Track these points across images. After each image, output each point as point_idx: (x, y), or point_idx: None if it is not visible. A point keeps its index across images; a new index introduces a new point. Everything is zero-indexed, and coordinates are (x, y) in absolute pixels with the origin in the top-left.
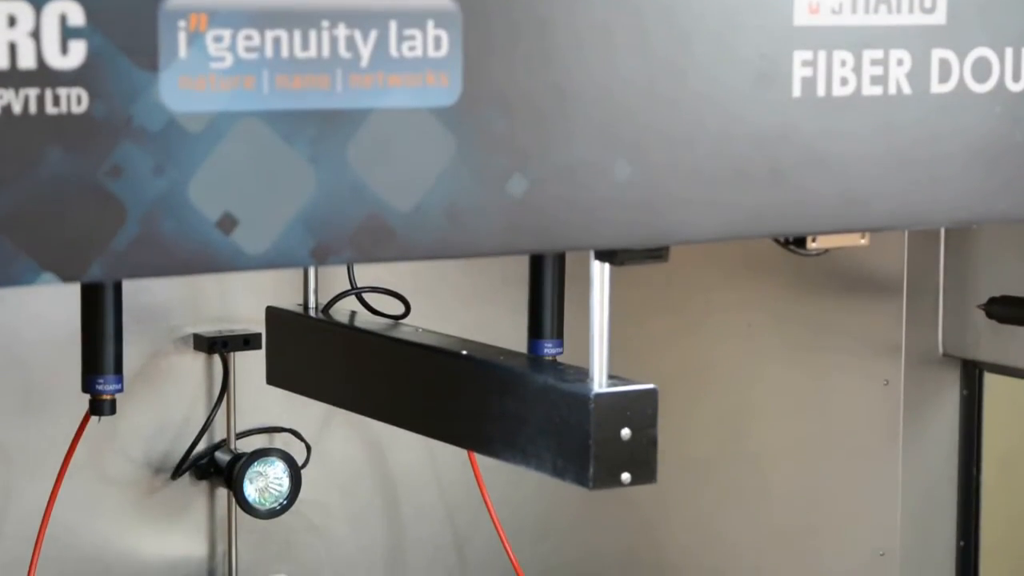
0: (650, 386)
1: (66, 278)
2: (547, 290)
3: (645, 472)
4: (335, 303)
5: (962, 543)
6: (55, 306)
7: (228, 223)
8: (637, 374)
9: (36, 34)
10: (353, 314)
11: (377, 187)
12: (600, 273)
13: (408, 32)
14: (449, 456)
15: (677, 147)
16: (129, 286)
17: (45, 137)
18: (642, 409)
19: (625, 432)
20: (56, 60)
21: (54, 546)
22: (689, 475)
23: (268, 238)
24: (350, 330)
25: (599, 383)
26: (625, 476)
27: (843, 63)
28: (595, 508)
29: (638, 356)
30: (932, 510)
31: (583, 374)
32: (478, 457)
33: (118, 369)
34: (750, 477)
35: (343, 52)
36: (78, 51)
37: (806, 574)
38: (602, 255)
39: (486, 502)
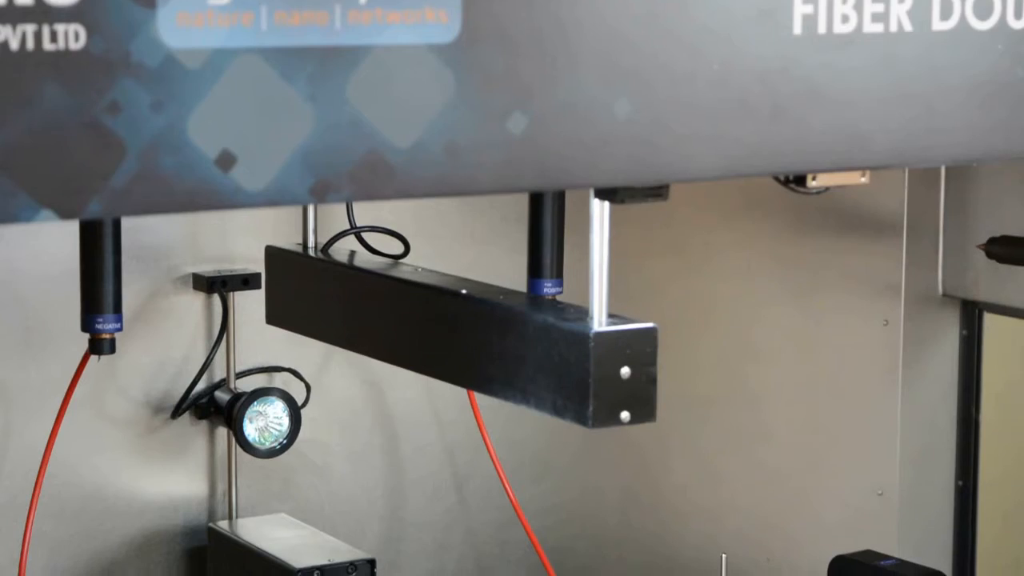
0: (650, 325)
1: (65, 215)
2: (547, 229)
3: (644, 411)
4: (334, 242)
5: (961, 482)
6: (55, 245)
7: (227, 160)
8: (637, 314)
9: None
10: (352, 253)
11: (376, 124)
12: (600, 211)
13: None
14: (448, 395)
15: (678, 83)
16: (128, 225)
17: (43, 74)
18: (642, 348)
19: (625, 371)
20: None
21: (54, 484)
22: (688, 415)
23: (267, 175)
24: (349, 269)
25: (599, 322)
26: (624, 415)
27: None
28: (594, 447)
29: (638, 296)
30: (931, 450)
31: (583, 313)
32: (477, 396)
33: (117, 308)
34: (749, 417)
35: None
36: None
37: (805, 514)
38: (602, 193)
39: (485, 441)
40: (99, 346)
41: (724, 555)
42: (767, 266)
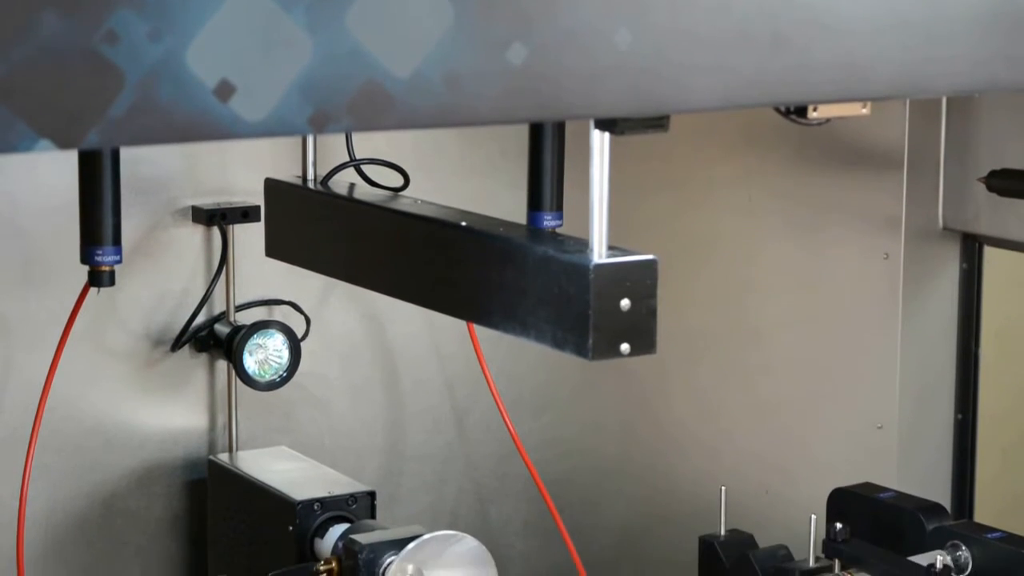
0: (650, 257)
1: (63, 145)
2: (547, 161)
3: (644, 343)
4: (334, 175)
5: (960, 416)
6: (54, 177)
7: (225, 90)
8: (637, 247)
9: None
10: (352, 186)
11: (375, 54)
12: (600, 143)
13: None
14: (448, 328)
15: (678, 12)
16: (127, 158)
17: (40, 3)
18: (642, 280)
19: (625, 303)
20: None
21: (54, 417)
22: (688, 348)
23: (266, 105)
24: (349, 202)
25: (599, 254)
26: (624, 347)
27: None
28: (594, 381)
29: (638, 230)
30: (930, 383)
31: (583, 245)
32: (477, 329)
33: (116, 240)
34: (749, 351)
35: None
36: None
37: (804, 447)
38: (602, 124)
39: (485, 374)
40: (98, 278)
41: (723, 488)
42: (767, 200)
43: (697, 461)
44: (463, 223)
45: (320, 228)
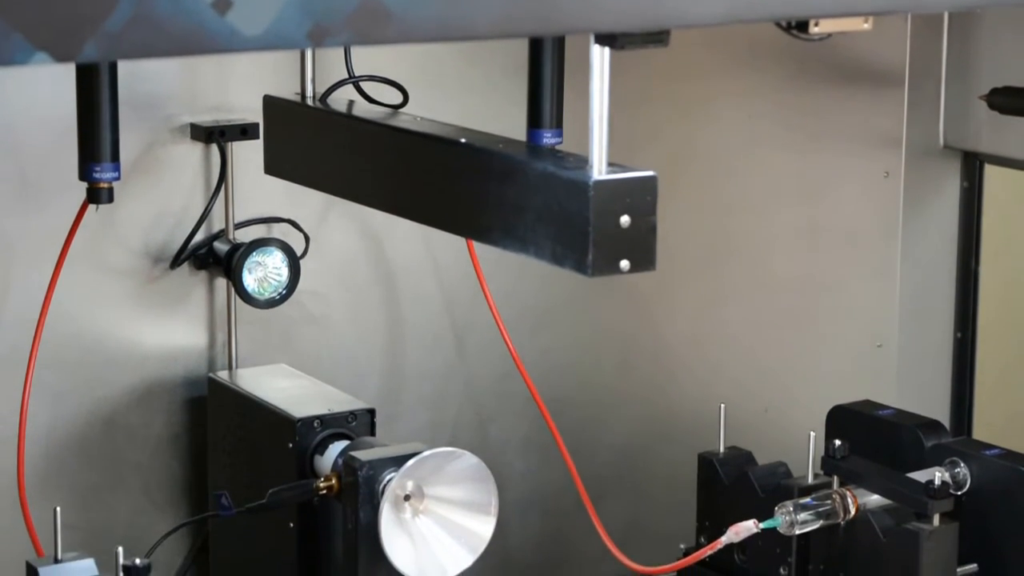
0: (650, 173)
1: (60, 58)
2: (546, 78)
3: (644, 259)
4: (333, 91)
5: (959, 335)
6: (52, 95)
7: (223, 3)
8: (637, 164)
9: None
10: (351, 103)
11: None
12: (600, 58)
13: None
14: (448, 247)
15: None
16: (125, 76)
17: None
18: (642, 196)
19: (624, 219)
20: None
21: (53, 335)
22: (688, 266)
23: (264, 19)
24: (348, 119)
25: (598, 170)
26: (624, 263)
27: None
28: (593, 298)
29: (638, 146)
30: (930, 302)
31: (582, 161)
32: (477, 247)
33: (115, 157)
34: (749, 268)
35: None
36: None
37: (804, 365)
38: (602, 39)
39: (485, 293)
40: (97, 195)
41: (722, 405)
42: (768, 117)
43: (697, 379)
44: (462, 140)
45: (319, 145)
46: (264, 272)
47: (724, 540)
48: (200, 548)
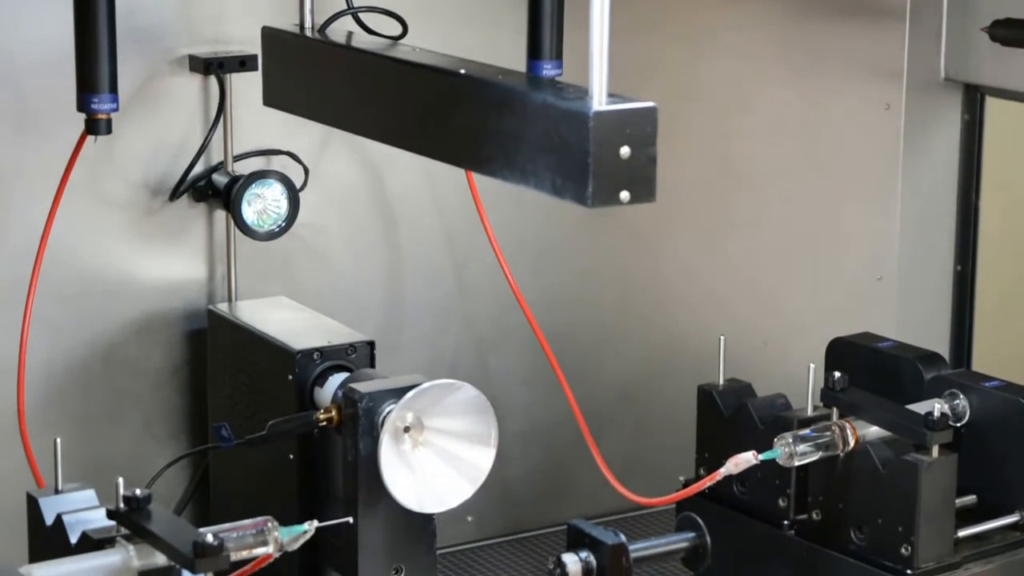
0: (650, 104)
1: None
2: (546, 8)
3: (644, 190)
4: (331, 23)
5: (959, 268)
6: (50, 26)
7: None
8: (637, 95)
9: None
10: (350, 34)
11: None
12: None
13: None
14: (447, 180)
15: None
16: (123, 8)
17: None
18: (642, 127)
19: (624, 150)
20: None
21: (53, 268)
22: (688, 198)
23: None
24: (347, 50)
25: (599, 101)
26: (624, 194)
27: None
28: (593, 231)
29: (638, 77)
30: (930, 235)
31: (582, 92)
32: (477, 181)
33: (113, 88)
34: (749, 200)
35: None
36: None
37: (804, 298)
38: None
39: (485, 225)
40: (95, 126)
41: (722, 337)
42: (769, 48)
43: (697, 312)
44: (462, 71)
45: (318, 77)
46: (263, 204)
47: (723, 472)
48: (200, 479)
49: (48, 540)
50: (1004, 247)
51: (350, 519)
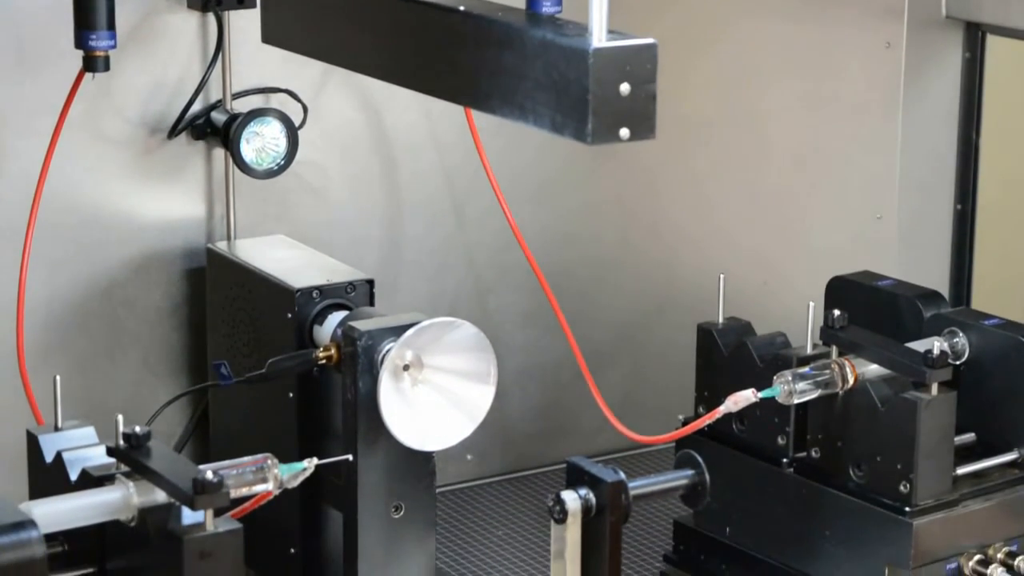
0: (650, 40)
1: None
2: None
3: (644, 127)
4: None
5: (959, 206)
6: None
7: None
8: (637, 32)
9: None
10: None
11: None
12: None
13: None
14: (447, 118)
15: None
16: None
17: None
18: (641, 64)
19: (624, 87)
20: None
21: (51, 205)
22: (688, 135)
23: None
24: None
25: (598, 38)
26: (624, 131)
27: None
28: (593, 169)
29: (638, 15)
30: (931, 174)
31: (582, 29)
32: (476, 119)
33: (111, 25)
34: (749, 139)
35: None
36: None
37: (803, 237)
38: None
39: (484, 164)
40: (93, 63)
41: (722, 275)
42: None
43: (696, 251)
44: (461, 7)
45: (317, 13)
46: (262, 142)
47: (723, 410)
48: (200, 418)
49: (48, 477)
50: (1004, 186)
51: (349, 456)
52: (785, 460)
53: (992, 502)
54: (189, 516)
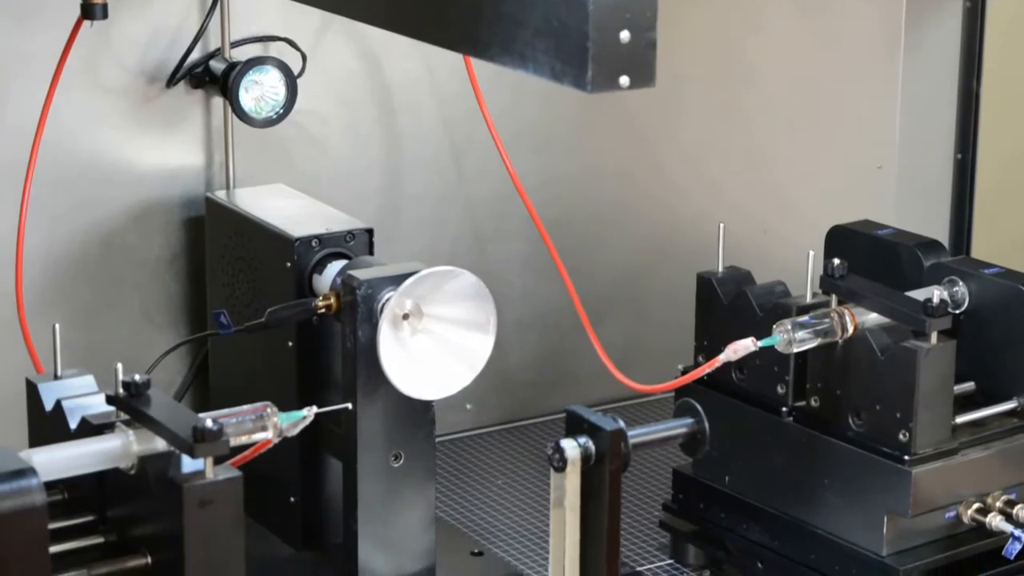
0: None
1: None
2: None
3: (644, 75)
4: None
5: (959, 156)
6: None
7: None
8: None
9: None
10: None
11: None
12: None
13: None
14: (446, 66)
15: None
16: None
17: None
18: (641, 11)
19: (624, 35)
20: None
21: (50, 154)
22: (687, 87)
23: None
24: None
25: None
26: (624, 79)
27: None
28: (593, 120)
29: None
30: (931, 123)
31: None
32: (475, 65)
33: None
34: (748, 89)
35: None
36: None
37: (803, 187)
38: None
39: (483, 111)
40: (91, 11)
41: (721, 224)
42: None
43: (696, 200)
44: None
45: None
46: (261, 91)
47: (722, 358)
48: (199, 367)
49: (47, 425)
50: (1005, 136)
51: (349, 405)
52: (784, 409)
53: (991, 451)
54: (189, 464)
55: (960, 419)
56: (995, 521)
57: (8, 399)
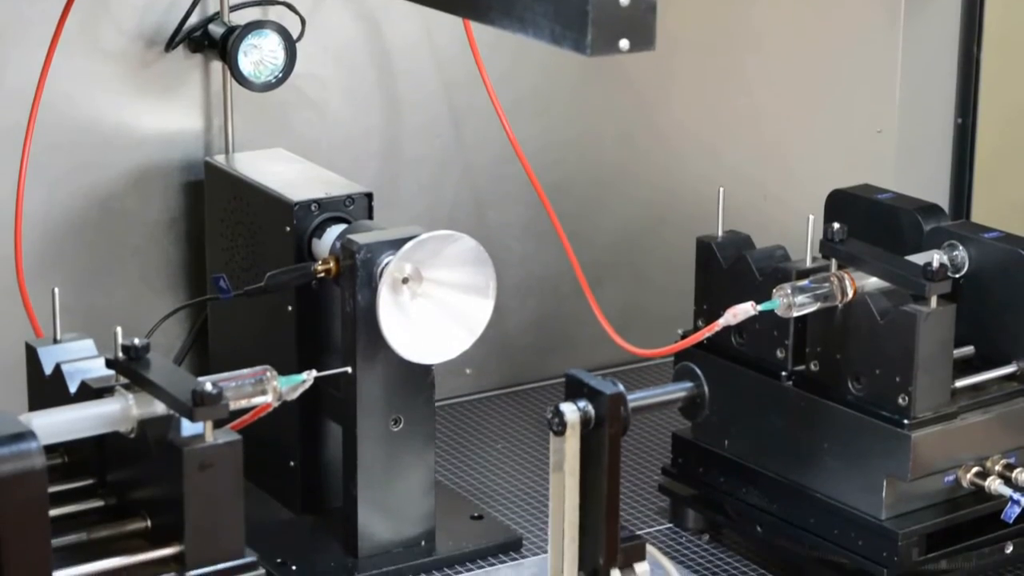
0: None
1: None
2: None
3: (643, 39)
4: None
5: (960, 121)
6: None
7: None
8: None
9: None
10: None
11: None
12: None
13: None
14: (445, 30)
15: None
16: None
17: None
18: None
19: None
20: None
21: (49, 118)
22: (688, 49)
23: None
24: None
25: None
26: (623, 43)
27: None
28: (593, 83)
29: None
30: (931, 88)
31: None
32: (475, 29)
33: None
34: (749, 54)
35: None
36: None
37: (803, 152)
38: None
39: (483, 75)
40: None
41: (721, 188)
42: None
43: (696, 164)
44: None
45: None
46: (260, 55)
47: (722, 322)
48: (199, 331)
49: (47, 389)
50: (1005, 100)
51: (348, 369)
52: (784, 373)
53: (990, 415)
54: (188, 428)
55: (959, 383)
56: (994, 485)
57: (8, 363)
